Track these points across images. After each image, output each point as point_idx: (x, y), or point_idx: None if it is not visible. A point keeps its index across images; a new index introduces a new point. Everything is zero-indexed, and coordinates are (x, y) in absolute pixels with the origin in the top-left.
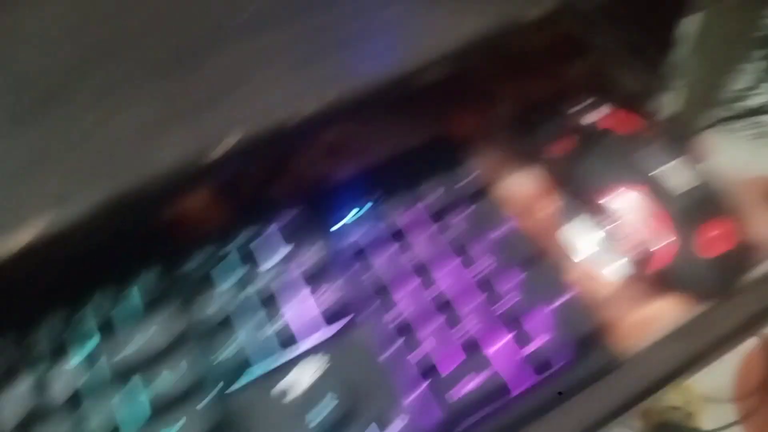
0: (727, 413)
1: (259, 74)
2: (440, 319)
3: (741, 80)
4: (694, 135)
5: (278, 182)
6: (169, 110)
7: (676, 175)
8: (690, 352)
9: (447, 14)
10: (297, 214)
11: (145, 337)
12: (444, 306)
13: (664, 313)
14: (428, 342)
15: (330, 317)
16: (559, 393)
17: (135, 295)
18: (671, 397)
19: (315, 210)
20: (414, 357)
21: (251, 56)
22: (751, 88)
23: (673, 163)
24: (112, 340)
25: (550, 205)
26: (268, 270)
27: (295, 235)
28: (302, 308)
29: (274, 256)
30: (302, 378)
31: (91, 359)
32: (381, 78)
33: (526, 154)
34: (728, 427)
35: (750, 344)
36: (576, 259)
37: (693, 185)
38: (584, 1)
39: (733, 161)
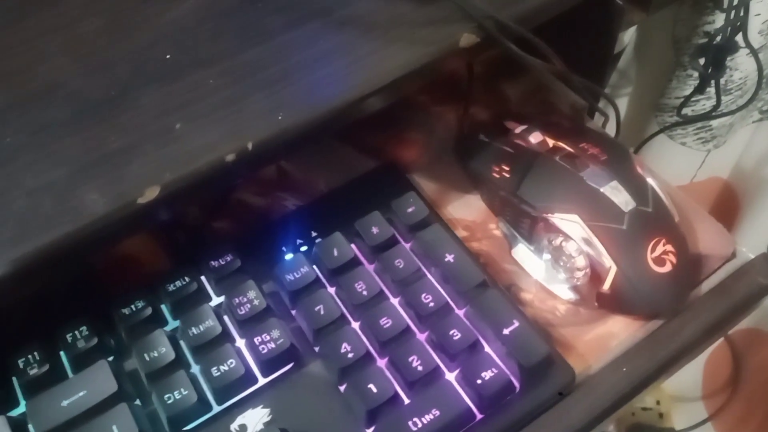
0: (698, 411)
1: (181, 117)
2: (383, 360)
3: (686, 87)
4: (639, 148)
5: (208, 228)
6: (89, 159)
7: (621, 193)
8: (645, 369)
9: (377, 47)
10: (229, 261)
11: (74, 396)
12: (388, 344)
13: (618, 332)
14: (373, 385)
15: (268, 367)
16: (560, 393)
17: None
18: (642, 398)
19: (249, 255)
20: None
21: (173, 98)
22: (696, 94)
23: (617, 181)
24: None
25: (495, 230)
26: (201, 322)
27: (227, 284)
28: (239, 359)
29: (206, 306)
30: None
31: (17, 427)
32: (312, 114)
33: (467, 180)
34: (699, 426)
35: (714, 342)
36: (525, 283)
37: (639, 202)
38: (514, 27)
39: (682, 167)
